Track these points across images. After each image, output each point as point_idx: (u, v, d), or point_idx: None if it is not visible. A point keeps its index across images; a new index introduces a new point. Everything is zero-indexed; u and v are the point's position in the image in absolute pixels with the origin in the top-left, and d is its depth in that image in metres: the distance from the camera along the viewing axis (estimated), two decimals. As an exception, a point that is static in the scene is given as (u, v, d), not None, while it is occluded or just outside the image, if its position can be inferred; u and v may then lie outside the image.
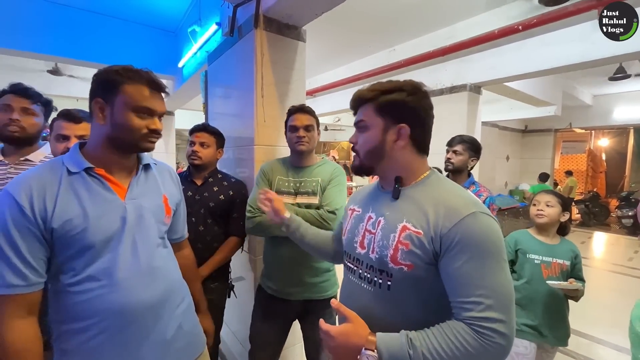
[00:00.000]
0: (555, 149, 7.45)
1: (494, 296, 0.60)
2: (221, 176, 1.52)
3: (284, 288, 1.32)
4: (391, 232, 0.70)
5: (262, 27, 1.59)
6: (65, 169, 0.75)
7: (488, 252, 0.62)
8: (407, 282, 0.68)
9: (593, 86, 5.62)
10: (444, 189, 0.71)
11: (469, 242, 0.62)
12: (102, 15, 3.05)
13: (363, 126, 0.77)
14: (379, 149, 0.75)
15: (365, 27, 3.08)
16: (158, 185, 0.90)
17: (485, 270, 0.61)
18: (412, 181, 0.75)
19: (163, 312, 0.83)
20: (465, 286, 0.62)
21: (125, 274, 0.77)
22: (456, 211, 0.64)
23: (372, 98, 0.76)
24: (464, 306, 0.61)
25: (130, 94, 0.76)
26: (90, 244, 0.73)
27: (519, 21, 2.28)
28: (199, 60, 2.77)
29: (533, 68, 2.98)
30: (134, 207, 0.81)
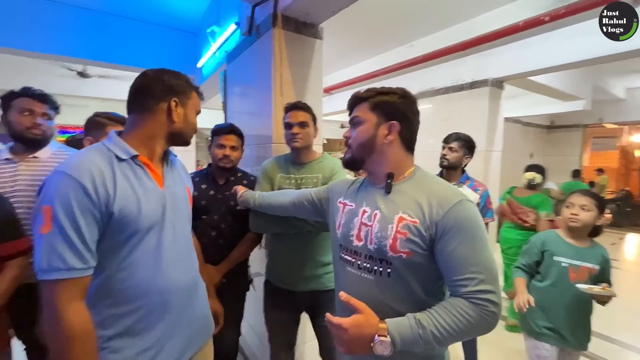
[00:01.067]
0: (583, 146, 7.09)
1: (484, 271, 0.69)
2: (240, 175, 1.55)
3: (286, 279, 1.37)
4: (388, 224, 0.77)
5: (280, 25, 1.61)
6: (114, 155, 0.78)
7: (476, 233, 0.71)
8: (406, 268, 0.75)
9: (626, 78, 5.29)
10: (431, 182, 0.80)
11: (461, 226, 0.71)
12: (124, 18, 3.17)
13: (357, 121, 0.84)
14: (371, 142, 0.82)
15: (382, 23, 3.04)
16: (181, 176, 0.98)
17: (475, 249, 0.70)
18: (400, 176, 0.83)
19: (194, 295, 0.91)
20: (460, 266, 0.70)
21: (167, 258, 0.83)
22: (446, 200, 0.73)
23: (367, 97, 0.83)
24: (461, 283, 0.70)
25: (196, 100, 0.93)
26: (139, 229, 0.77)
27: (546, 12, 2.17)
28: (217, 60, 2.83)
29: (561, 61, 2.83)
30: (170, 195, 0.87)
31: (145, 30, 3.30)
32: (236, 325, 1.55)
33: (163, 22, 3.35)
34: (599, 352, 2.26)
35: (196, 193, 1.44)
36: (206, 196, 1.45)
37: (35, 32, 2.75)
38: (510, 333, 2.53)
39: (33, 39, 2.77)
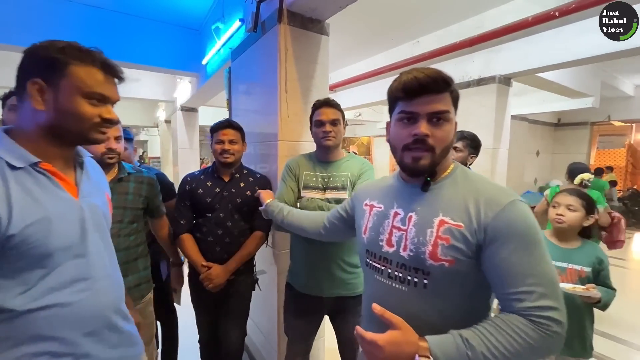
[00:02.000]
0: (591, 144, 6.99)
1: (544, 283, 0.58)
2: (247, 172, 1.54)
3: (313, 284, 1.31)
4: (427, 228, 0.67)
5: (285, 21, 1.59)
6: (4, 162, 0.61)
7: (533, 239, 0.61)
8: (446, 278, 0.65)
9: (636, 75, 5.20)
10: (476, 180, 0.70)
11: (514, 230, 0.61)
12: (128, 15, 3.16)
13: (445, 118, 0.67)
14: (451, 145, 0.71)
15: (388, 19, 3.00)
16: (99, 182, 0.83)
17: (532, 258, 0.60)
18: (440, 175, 0.73)
19: (123, 316, 0.79)
20: (515, 276, 0.60)
21: (100, 280, 0.72)
22: (496, 200, 0.63)
23: (451, 86, 0.68)
24: (516, 297, 0.59)
25: (80, 77, 0.66)
26: (51, 252, 0.63)
27: (556, 7, 2.13)
28: (222, 57, 2.81)
29: (570, 57, 2.78)
30: (90, 207, 0.72)
31: (149, 27, 3.29)
32: (242, 325, 1.55)
33: (167, 19, 3.34)
34: (608, 353, 2.23)
35: (201, 191, 1.44)
36: (212, 193, 1.44)
37: (36, 29, 2.74)
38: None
39: (33, 36, 2.75)
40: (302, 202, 1.30)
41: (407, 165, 0.71)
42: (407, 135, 0.68)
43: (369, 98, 5.13)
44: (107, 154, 1.19)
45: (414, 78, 0.66)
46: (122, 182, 1.27)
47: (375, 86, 4.66)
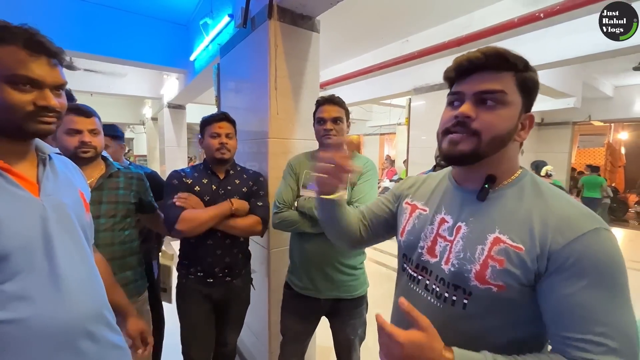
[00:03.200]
0: (572, 143, 7.22)
1: (620, 338, 0.47)
2: (240, 169, 1.49)
3: (312, 285, 1.29)
4: (478, 244, 0.58)
5: (275, 17, 1.57)
6: None
7: (615, 280, 0.49)
8: (491, 303, 0.56)
9: (616, 77, 5.39)
10: (550, 195, 0.57)
11: (591, 264, 0.49)
12: (114, 9, 3.07)
13: (500, 100, 0.56)
14: (509, 136, 0.58)
15: (378, 18, 3.01)
16: (69, 179, 0.76)
17: (610, 302, 0.49)
18: (503, 181, 0.61)
19: (102, 327, 0.71)
20: (581, 319, 0.49)
21: (69, 286, 0.64)
22: (573, 224, 0.52)
23: (516, 66, 0.56)
24: (578, 345, 0.49)
25: (0, 60, 0.58)
26: (5, 253, 0.58)
27: (541, 8, 2.18)
28: (211, 53, 2.77)
29: (555, 58, 2.86)
30: (54, 205, 0.66)
31: (135, 21, 3.20)
32: (239, 329, 1.52)
33: (153, 14, 3.26)
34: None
35: (198, 188, 1.36)
36: (209, 191, 1.36)
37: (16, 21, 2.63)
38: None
39: (16, 29, 2.66)
40: (300, 202, 1.27)
41: (444, 151, 0.61)
42: (450, 118, 0.60)
43: (359, 96, 5.14)
44: (80, 147, 1.13)
45: (466, 57, 0.58)
46: (112, 178, 1.24)
47: (365, 84, 4.68)
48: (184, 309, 1.40)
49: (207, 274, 1.35)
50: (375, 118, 8.65)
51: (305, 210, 1.23)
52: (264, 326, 1.75)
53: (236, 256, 1.40)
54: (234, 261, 1.39)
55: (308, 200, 1.25)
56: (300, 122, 1.71)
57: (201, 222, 1.25)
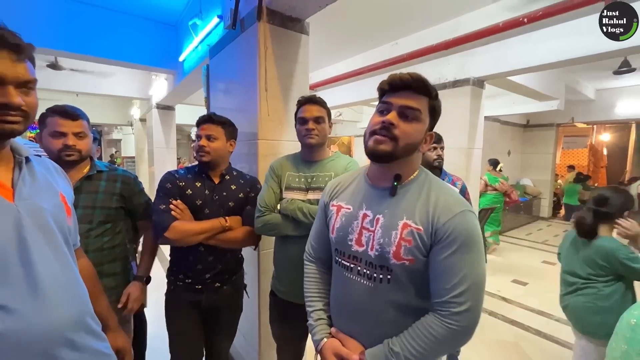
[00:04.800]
0: (557, 144, 7.42)
1: (468, 283, 0.67)
2: (236, 174, 1.43)
3: (294, 290, 1.26)
4: (392, 230, 0.73)
5: (265, 19, 1.57)
6: None
7: (472, 245, 0.69)
8: (406, 274, 0.73)
9: (596, 80, 5.57)
10: (437, 187, 0.76)
11: (458, 235, 0.68)
12: (101, 9, 3.01)
13: (415, 117, 0.73)
14: (416, 146, 0.75)
15: (368, 21, 3.04)
16: (50, 182, 0.73)
17: (466, 261, 0.68)
18: (407, 179, 0.78)
19: (83, 335, 0.69)
20: (446, 274, 0.68)
21: (47, 293, 0.62)
22: (451, 208, 0.71)
23: (431, 94, 0.75)
24: (441, 292, 0.69)
25: None
26: None
27: (524, 13, 2.24)
28: (200, 54, 2.75)
29: (538, 61, 2.94)
30: (30, 210, 0.64)
31: (123, 21, 3.15)
32: (232, 338, 1.48)
33: (141, 13, 3.21)
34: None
35: (190, 191, 1.30)
36: (202, 195, 1.31)
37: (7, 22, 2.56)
38: (490, 323, 2.63)
39: None
40: (282, 204, 1.25)
41: (369, 148, 0.76)
42: (378, 122, 0.74)
43: (350, 98, 5.17)
44: (63, 150, 1.11)
45: (398, 76, 0.73)
46: (92, 181, 1.20)
47: (356, 86, 4.70)
48: (171, 317, 1.35)
49: (196, 280, 1.31)
50: (366, 119, 8.71)
51: (288, 213, 1.22)
52: (254, 329, 1.74)
53: (229, 262, 1.37)
54: (225, 267, 1.35)
55: (291, 203, 1.23)
56: (290, 123, 1.71)
57: (191, 234, 1.22)
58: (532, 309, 2.97)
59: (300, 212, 1.20)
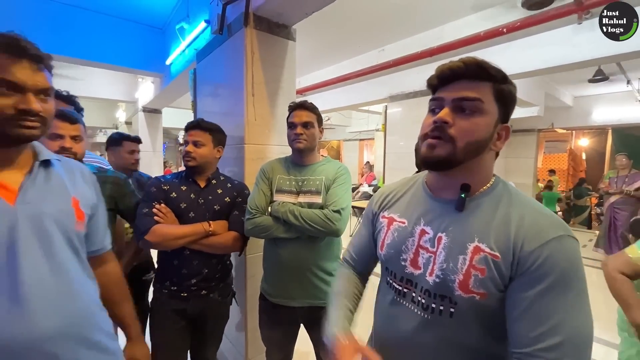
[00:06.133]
0: (538, 149, 7.66)
1: (563, 334, 0.49)
2: (223, 178, 1.43)
3: (284, 293, 1.27)
4: (459, 254, 0.58)
5: (252, 25, 1.59)
6: None
7: (573, 283, 0.51)
8: (473, 312, 0.57)
9: (574, 88, 5.81)
10: (521, 202, 0.59)
11: (553, 268, 0.51)
12: (87, 11, 2.98)
13: (475, 108, 0.57)
14: (484, 144, 0.59)
15: (355, 27, 3.10)
16: (64, 186, 0.73)
17: (563, 303, 0.50)
18: (479, 189, 0.62)
19: (69, 346, 0.66)
20: (532, 318, 0.51)
21: (31, 297, 0.61)
22: (542, 230, 0.54)
23: (495, 77, 0.59)
24: (523, 340, 0.51)
25: None
26: None
27: (504, 24, 2.34)
28: (187, 57, 2.74)
29: (517, 69, 3.06)
30: (29, 214, 0.64)
31: (109, 23, 3.12)
32: (218, 345, 1.46)
33: (128, 16, 3.18)
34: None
35: (175, 194, 1.30)
36: (186, 199, 1.31)
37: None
38: None
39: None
40: (273, 207, 1.26)
41: (422, 155, 0.62)
42: (429, 124, 0.61)
43: (338, 103, 5.23)
44: (61, 152, 1.10)
45: (448, 66, 0.60)
46: None
47: (344, 91, 4.77)
48: (155, 327, 1.32)
49: (181, 287, 1.28)
50: (355, 124, 8.80)
51: (279, 215, 1.22)
52: (241, 333, 1.73)
53: (214, 267, 1.34)
54: (211, 273, 1.33)
55: (282, 205, 1.24)
56: (277, 128, 1.73)
57: (172, 238, 1.20)
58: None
59: (291, 214, 1.20)
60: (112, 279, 0.91)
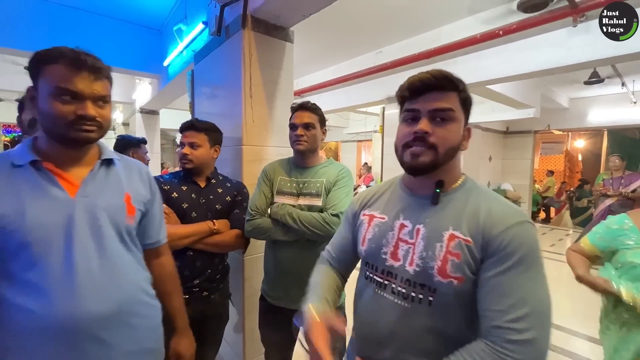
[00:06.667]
0: (535, 150, 7.71)
1: (528, 307, 0.55)
2: (222, 178, 1.43)
3: (285, 296, 1.26)
4: (436, 242, 0.64)
5: (249, 27, 1.59)
6: (10, 162, 0.70)
7: (533, 263, 0.58)
8: (453, 296, 0.62)
9: (569, 89, 5.86)
10: (488, 196, 0.67)
11: (516, 249, 0.58)
12: (85, 12, 2.97)
13: (449, 117, 0.64)
14: (458, 147, 0.67)
15: (353, 29, 3.12)
16: (120, 183, 0.81)
17: (526, 280, 0.57)
18: (451, 185, 0.70)
19: (113, 331, 0.73)
20: (499, 293, 0.57)
21: (82, 281, 0.69)
22: (506, 218, 0.61)
23: (459, 87, 0.66)
24: (491, 314, 0.57)
25: (48, 77, 0.69)
26: (26, 243, 0.66)
27: (500, 26, 2.36)
28: (185, 59, 2.74)
29: (513, 72, 3.09)
30: (86, 206, 0.72)
31: (107, 24, 3.12)
32: (217, 348, 1.44)
33: (126, 18, 3.18)
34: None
35: (176, 194, 1.30)
36: (188, 199, 1.30)
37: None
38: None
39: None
40: (272, 209, 1.25)
41: (406, 163, 0.68)
42: (409, 133, 0.66)
43: (336, 104, 5.24)
44: None
45: (418, 78, 0.66)
46: None
47: (342, 93, 4.78)
48: None
49: (183, 289, 1.25)
50: (352, 125, 8.82)
51: (278, 218, 1.21)
52: (239, 335, 1.73)
53: (217, 267, 1.34)
54: (213, 274, 1.32)
55: (281, 207, 1.23)
56: (274, 129, 1.74)
57: (177, 238, 1.19)
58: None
59: (289, 217, 1.19)
60: (166, 271, 0.98)
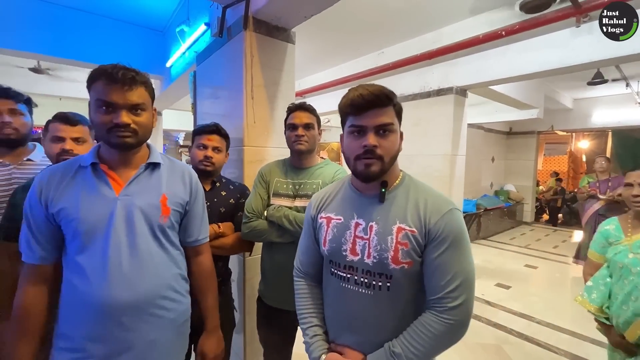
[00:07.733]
0: (538, 151, 7.67)
1: (460, 278, 0.71)
2: (225, 180, 1.44)
3: (281, 297, 1.26)
4: (387, 235, 0.75)
5: (251, 28, 1.60)
6: (78, 164, 0.84)
7: (462, 242, 0.73)
8: (405, 279, 0.75)
9: (573, 90, 5.82)
10: (422, 189, 0.80)
11: (449, 233, 0.72)
12: (87, 13, 3.00)
13: (391, 130, 0.75)
14: (397, 153, 0.79)
15: (354, 30, 3.12)
16: (160, 184, 0.89)
17: (458, 257, 0.72)
18: (392, 184, 0.81)
19: (135, 318, 0.81)
20: (440, 272, 0.71)
21: (112, 269, 0.79)
22: (439, 207, 0.75)
23: (394, 101, 0.77)
24: (436, 289, 0.72)
25: (93, 92, 0.79)
26: (79, 231, 0.78)
27: (502, 27, 2.35)
28: (187, 60, 2.75)
29: (516, 72, 3.07)
30: (124, 204, 0.82)
31: (110, 26, 3.14)
32: (227, 355, 1.38)
33: (129, 19, 3.20)
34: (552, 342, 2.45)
35: None
36: None
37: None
38: (474, 326, 2.68)
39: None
40: (269, 211, 1.25)
41: (360, 172, 0.78)
42: (358, 147, 0.76)
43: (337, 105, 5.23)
44: (61, 155, 1.14)
45: (360, 95, 0.74)
46: None
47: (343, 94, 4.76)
48: None
49: None
50: (355, 126, 8.81)
51: (274, 220, 1.22)
52: (239, 336, 1.73)
53: (220, 270, 1.34)
54: (218, 276, 1.28)
55: (277, 210, 1.23)
56: (276, 130, 1.74)
57: None
58: (514, 312, 3.04)
59: (286, 219, 1.20)
60: (204, 269, 1.04)
